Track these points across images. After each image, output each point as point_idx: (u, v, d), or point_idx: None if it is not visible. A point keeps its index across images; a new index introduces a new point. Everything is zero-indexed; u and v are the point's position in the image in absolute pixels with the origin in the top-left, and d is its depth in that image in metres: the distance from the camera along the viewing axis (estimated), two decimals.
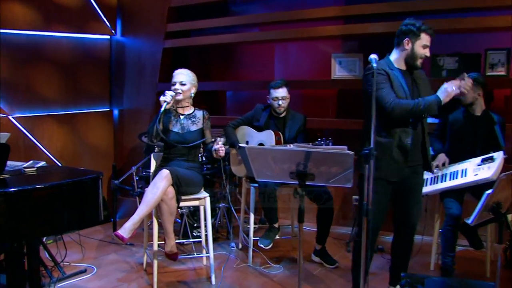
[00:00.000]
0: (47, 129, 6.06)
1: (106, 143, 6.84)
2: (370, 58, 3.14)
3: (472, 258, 4.59)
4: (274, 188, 4.32)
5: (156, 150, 4.83)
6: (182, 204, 4.02)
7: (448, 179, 4.12)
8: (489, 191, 3.13)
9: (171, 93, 4.00)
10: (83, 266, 4.47)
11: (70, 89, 6.32)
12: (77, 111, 6.42)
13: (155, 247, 4.01)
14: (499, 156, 3.89)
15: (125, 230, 3.62)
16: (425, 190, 4.02)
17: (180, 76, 4.13)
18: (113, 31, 6.75)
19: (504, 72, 4.83)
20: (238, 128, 4.79)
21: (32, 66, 5.88)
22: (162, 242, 4.08)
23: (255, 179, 2.88)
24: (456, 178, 4.06)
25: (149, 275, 4.32)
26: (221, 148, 3.97)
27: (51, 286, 3.94)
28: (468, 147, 4.19)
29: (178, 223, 5.13)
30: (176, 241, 4.11)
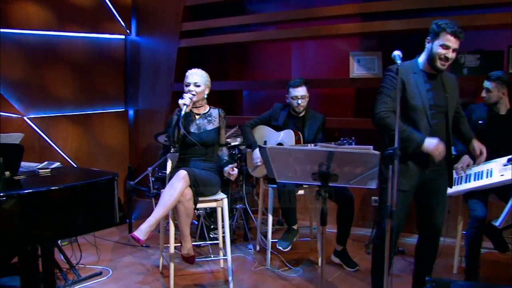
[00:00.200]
0: (62, 129, 6.03)
1: (121, 144, 6.79)
2: (394, 55, 3.04)
3: (497, 262, 4.47)
4: (293, 189, 4.22)
5: (172, 150, 4.76)
6: (199, 205, 3.93)
7: (473, 180, 4.00)
8: None
9: (189, 95, 3.92)
10: (99, 268, 4.41)
11: (85, 89, 6.29)
12: (92, 112, 6.39)
13: (171, 250, 3.93)
14: None
15: (141, 232, 3.54)
16: (448, 191, 3.89)
17: (194, 77, 4.05)
18: (128, 31, 6.70)
19: None
20: (256, 128, 4.70)
21: (47, 66, 5.85)
22: (179, 245, 4.00)
23: (276, 180, 2.79)
24: (481, 178, 3.94)
25: (165, 278, 4.25)
26: (234, 174, 3.93)
27: None
28: (493, 146, 4.06)
29: (195, 224, 5.06)
30: (192, 243, 4.02)
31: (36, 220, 2.87)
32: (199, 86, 4.03)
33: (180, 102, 3.86)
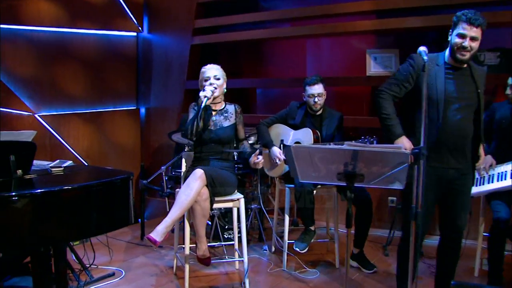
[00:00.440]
0: (73, 127, 5.96)
1: (132, 142, 6.72)
2: (420, 50, 2.96)
3: None
4: (311, 189, 4.11)
5: (186, 149, 4.66)
6: (215, 205, 3.82)
7: (496, 180, 3.89)
8: None
9: (211, 88, 3.82)
10: (111, 269, 4.32)
11: (96, 87, 6.22)
12: (103, 110, 6.32)
13: (186, 251, 3.83)
14: None
15: (157, 234, 3.43)
16: None
17: (213, 71, 3.94)
18: (139, 28, 6.63)
19: None
20: (272, 127, 4.58)
21: (58, 63, 5.79)
22: (193, 245, 3.90)
23: (299, 180, 2.68)
24: (505, 179, 3.83)
25: (179, 279, 4.16)
26: (260, 161, 3.80)
27: None
28: None
29: (208, 225, 4.95)
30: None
31: (49, 221, 2.76)
32: (219, 79, 3.93)
33: (201, 94, 3.75)
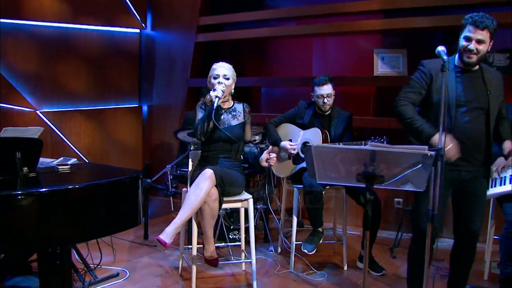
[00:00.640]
0: (74, 124, 5.89)
1: (134, 140, 6.64)
2: (438, 50, 2.87)
3: None
4: (320, 189, 4.05)
5: (191, 148, 4.58)
6: (223, 205, 3.74)
7: (508, 182, 3.83)
8: None
9: (221, 87, 3.74)
10: (115, 269, 4.23)
11: (99, 84, 6.15)
12: (105, 107, 6.24)
13: (194, 252, 3.74)
14: None
15: (167, 235, 3.35)
16: None
17: (223, 70, 3.86)
18: (143, 25, 6.55)
19: None
20: (280, 126, 4.51)
21: (60, 59, 5.73)
22: (200, 246, 3.82)
23: (317, 181, 2.61)
24: None
25: (185, 280, 4.08)
26: (273, 157, 3.75)
27: None
28: None
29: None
30: None
31: (56, 221, 2.67)
32: (228, 79, 3.85)
33: (212, 94, 3.67)
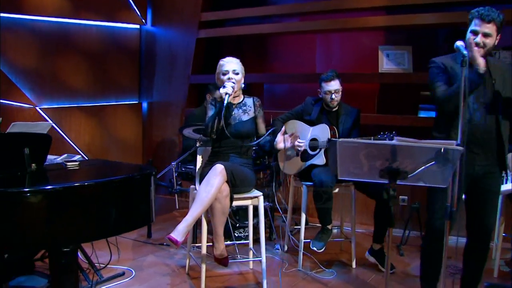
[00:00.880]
0: (74, 121, 5.82)
1: (134, 137, 6.57)
2: (457, 45, 2.83)
3: None
4: (330, 186, 4.00)
5: (198, 144, 4.52)
6: (234, 203, 3.67)
7: None
8: None
9: (231, 84, 3.67)
10: (121, 268, 4.16)
11: (99, 80, 6.07)
12: (105, 103, 6.16)
13: (203, 250, 3.67)
14: None
15: (178, 233, 3.27)
16: None
17: (232, 65, 3.80)
18: (143, 20, 6.46)
19: None
20: (288, 123, 4.46)
21: (60, 55, 5.65)
22: (209, 244, 3.76)
23: (338, 177, 2.55)
24: None
25: (193, 279, 4.01)
26: (289, 138, 3.72)
27: None
28: None
29: None
30: None
31: (66, 219, 2.59)
32: (237, 74, 3.79)
33: (222, 91, 3.61)
